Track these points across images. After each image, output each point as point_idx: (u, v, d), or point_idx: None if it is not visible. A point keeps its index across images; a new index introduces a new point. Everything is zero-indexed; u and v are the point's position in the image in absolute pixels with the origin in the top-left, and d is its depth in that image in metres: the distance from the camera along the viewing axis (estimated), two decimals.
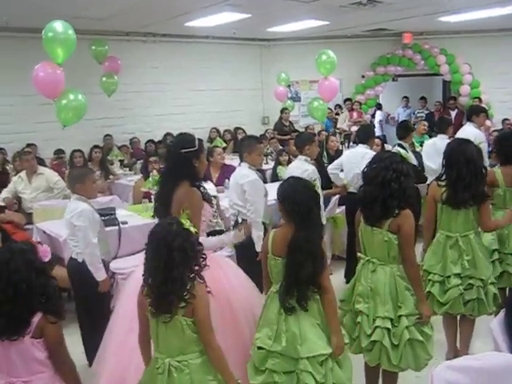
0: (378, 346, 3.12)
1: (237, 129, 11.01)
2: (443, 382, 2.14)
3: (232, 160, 7.85)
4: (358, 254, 3.36)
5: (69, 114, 5.99)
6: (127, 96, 10.41)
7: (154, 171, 6.08)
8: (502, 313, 2.80)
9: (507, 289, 4.31)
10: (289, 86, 12.15)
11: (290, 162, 7.33)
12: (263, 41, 12.74)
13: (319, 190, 4.47)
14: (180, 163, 3.42)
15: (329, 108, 11.15)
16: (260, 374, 2.85)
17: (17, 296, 2.31)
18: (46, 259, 2.73)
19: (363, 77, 12.96)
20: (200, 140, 3.57)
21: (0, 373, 2.42)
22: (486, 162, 5.69)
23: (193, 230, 2.51)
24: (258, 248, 4.14)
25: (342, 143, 9.61)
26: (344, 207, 6.14)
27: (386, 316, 3.11)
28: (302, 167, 5.12)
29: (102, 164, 8.00)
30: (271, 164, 8.40)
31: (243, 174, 4.62)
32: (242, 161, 4.71)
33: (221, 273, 3.33)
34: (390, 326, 3.09)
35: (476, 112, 6.77)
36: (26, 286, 2.32)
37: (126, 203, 6.71)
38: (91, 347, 3.77)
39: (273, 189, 6.49)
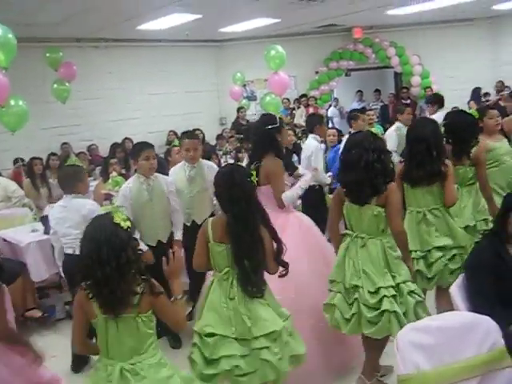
0: (387, 317, 3.16)
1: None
2: (407, 343, 2.25)
3: None
4: (345, 231, 3.46)
5: (11, 119, 6.04)
6: (83, 103, 10.34)
7: (114, 173, 6.06)
8: (460, 277, 2.94)
9: None
10: (244, 85, 12.24)
11: None
12: (217, 42, 12.79)
13: None
14: (266, 138, 4.04)
15: (286, 98, 11.30)
16: (212, 364, 2.82)
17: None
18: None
19: (317, 73, 13.13)
20: (280, 118, 4.28)
21: None
22: None
23: (124, 224, 2.33)
24: None
25: (300, 138, 9.71)
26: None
27: (388, 285, 3.19)
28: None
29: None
30: (231, 162, 8.46)
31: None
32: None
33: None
34: (395, 293, 3.18)
35: (432, 102, 7.19)
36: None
37: None
38: None
39: None
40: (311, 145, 5.84)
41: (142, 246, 3.65)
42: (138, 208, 4.30)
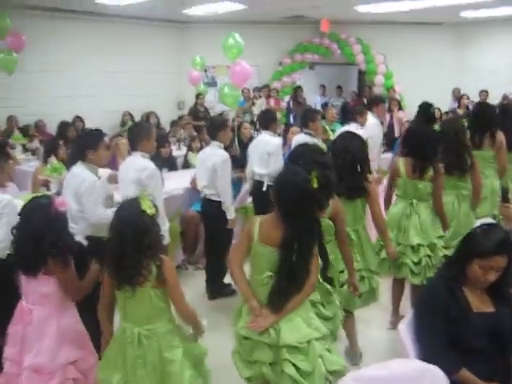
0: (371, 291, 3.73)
1: (149, 113, 10.60)
2: None
3: None
4: None
5: None
6: (32, 76, 9.79)
7: (54, 158, 5.64)
8: (409, 315, 2.74)
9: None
10: (205, 70, 11.88)
11: (201, 148, 7.12)
12: (181, 23, 12.39)
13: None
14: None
15: (246, 88, 11.00)
16: (249, 366, 2.79)
17: None
18: (63, 209, 2.95)
19: (280, 63, 12.89)
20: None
21: None
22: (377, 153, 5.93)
23: (150, 211, 2.62)
24: None
25: (258, 130, 9.47)
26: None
27: (367, 267, 3.73)
28: (216, 153, 4.96)
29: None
30: (184, 150, 8.16)
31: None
32: (135, 150, 4.38)
33: None
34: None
35: (376, 102, 6.92)
36: None
37: (26, 192, 6.21)
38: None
39: (184, 176, 6.43)
40: (272, 142, 5.56)
41: None
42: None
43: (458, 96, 11.63)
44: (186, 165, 7.50)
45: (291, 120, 11.45)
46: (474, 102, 11.12)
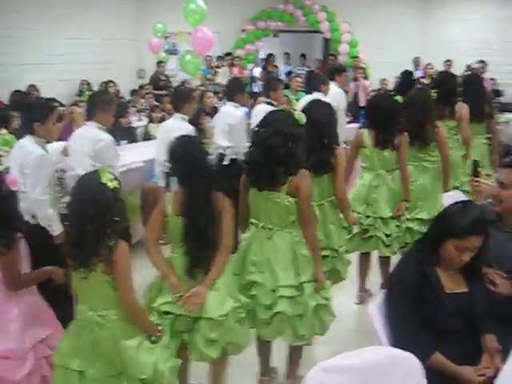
0: (280, 318, 2.93)
1: (108, 82, 10.19)
2: None
3: None
4: (251, 221, 3.11)
5: None
6: None
7: (4, 130, 5.33)
8: (379, 296, 2.64)
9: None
10: (166, 37, 11.49)
11: (163, 119, 6.89)
12: None
13: None
14: None
15: (208, 55, 10.70)
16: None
17: None
18: (15, 188, 2.74)
19: (243, 31, 12.58)
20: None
21: None
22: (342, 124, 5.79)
23: (111, 184, 2.40)
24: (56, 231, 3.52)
25: (221, 99, 9.23)
26: None
27: (289, 284, 2.92)
28: (180, 126, 4.68)
29: None
30: (145, 121, 7.89)
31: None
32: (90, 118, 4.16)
33: None
34: (294, 295, 2.92)
35: (338, 71, 6.82)
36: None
37: None
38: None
39: (144, 148, 6.21)
40: (235, 114, 5.33)
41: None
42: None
43: (418, 64, 11.61)
44: (147, 136, 7.25)
45: (255, 89, 11.20)
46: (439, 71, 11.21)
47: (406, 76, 6.35)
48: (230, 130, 5.29)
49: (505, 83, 11.15)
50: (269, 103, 5.57)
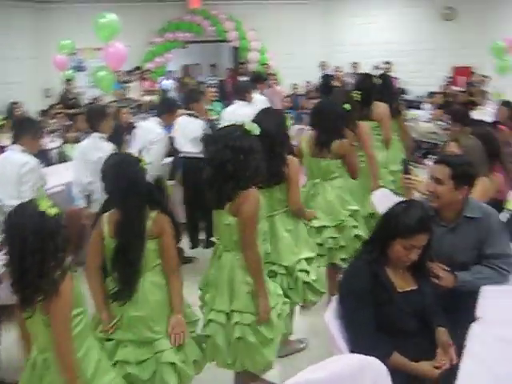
0: (212, 342, 2.81)
1: (13, 104, 9.64)
2: None
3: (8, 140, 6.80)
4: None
5: None
6: None
7: None
8: (333, 302, 2.62)
9: None
10: (73, 54, 11.09)
11: (78, 139, 6.60)
12: (39, 3, 11.40)
13: None
14: None
15: (118, 71, 10.40)
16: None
17: None
18: None
19: (151, 43, 12.39)
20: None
21: None
22: None
23: (51, 211, 2.16)
24: None
25: (135, 114, 9.00)
26: None
27: (220, 309, 2.80)
28: (99, 146, 4.53)
29: None
30: (58, 142, 7.54)
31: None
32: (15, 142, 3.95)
33: None
34: (224, 321, 2.78)
35: (260, 79, 7.04)
36: None
37: None
38: None
39: (63, 171, 5.91)
40: (156, 131, 5.16)
41: None
42: None
43: (324, 68, 12.04)
44: (62, 158, 6.93)
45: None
46: (348, 73, 11.61)
47: (326, 81, 6.47)
48: (151, 146, 5.14)
49: (410, 81, 11.87)
50: (190, 115, 5.47)
